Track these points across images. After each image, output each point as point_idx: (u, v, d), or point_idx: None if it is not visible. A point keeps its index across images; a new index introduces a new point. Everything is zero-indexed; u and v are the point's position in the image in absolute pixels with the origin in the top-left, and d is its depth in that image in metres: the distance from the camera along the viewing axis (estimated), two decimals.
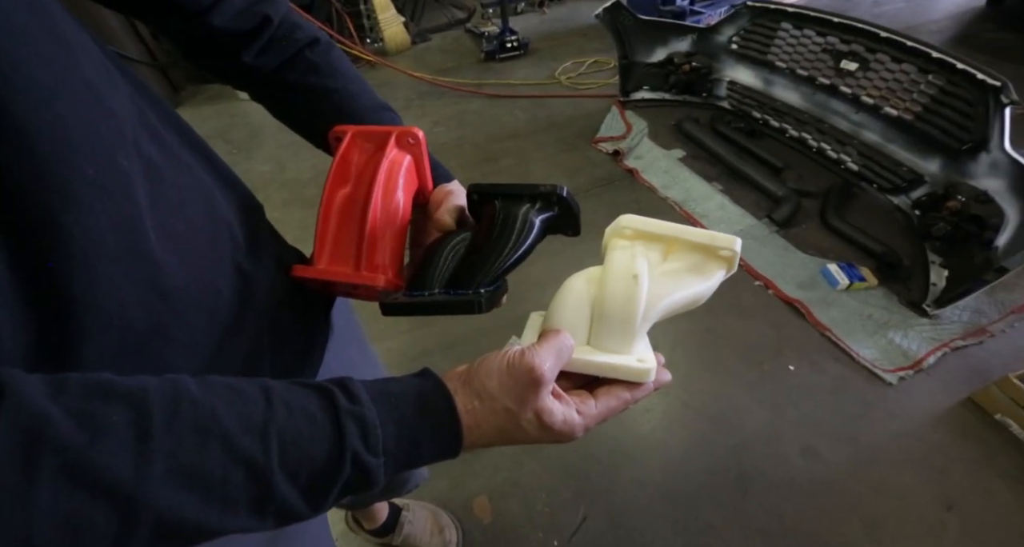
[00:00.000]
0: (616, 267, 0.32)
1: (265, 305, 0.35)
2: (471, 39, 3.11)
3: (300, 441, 0.21)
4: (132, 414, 0.19)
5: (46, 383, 0.19)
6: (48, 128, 0.21)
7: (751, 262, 1.46)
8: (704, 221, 1.61)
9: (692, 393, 1.19)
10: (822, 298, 1.35)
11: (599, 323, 0.32)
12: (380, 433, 0.23)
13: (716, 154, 1.82)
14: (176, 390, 0.21)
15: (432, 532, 0.94)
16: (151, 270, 0.26)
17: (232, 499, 0.20)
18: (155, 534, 0.19)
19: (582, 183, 1.85)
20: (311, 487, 0.22)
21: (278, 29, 0.38)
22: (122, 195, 0.24)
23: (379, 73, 2.80)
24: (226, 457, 0.20)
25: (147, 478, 0.18)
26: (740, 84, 1.95)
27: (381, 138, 0.36)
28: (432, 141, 2.18)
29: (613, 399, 0.30)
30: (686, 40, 1.97)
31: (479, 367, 0.27)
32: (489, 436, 0.26)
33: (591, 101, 2.35)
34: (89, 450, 0.18)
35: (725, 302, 1.37)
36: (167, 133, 0.30)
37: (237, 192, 0.37)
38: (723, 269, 0.33)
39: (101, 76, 0.25)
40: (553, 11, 3.45)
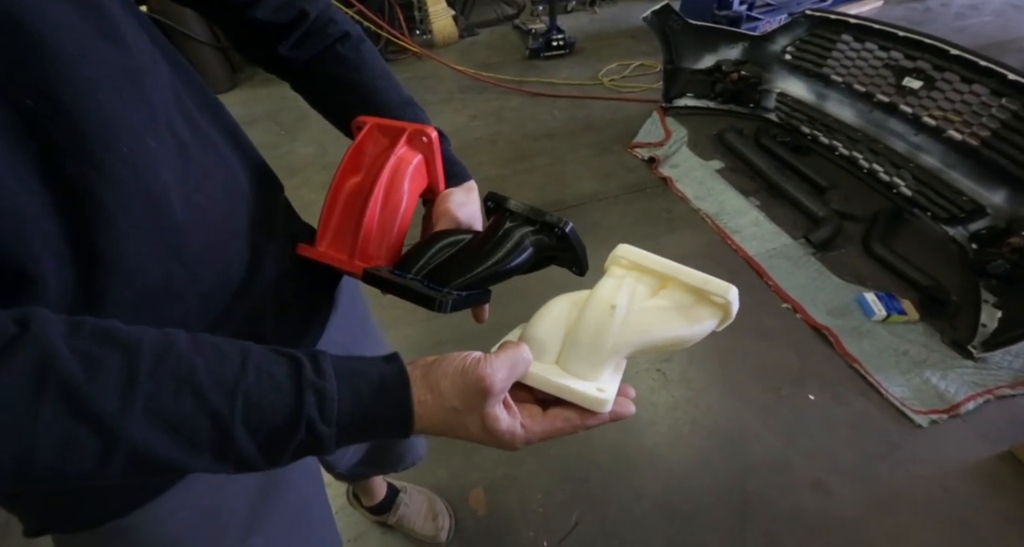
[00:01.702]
0: (598, 295, 0.33)
1: (272, 276, 0.37)
2: (518, 36, 3.11)
3: (263, 402, 0.24)
4: (125, 360, 0.22)
5: (66, 324, 0.22)
6: (91, 113, 0.25)
7: (780, 283, 1.41)
8: (735, 237, 1.56)
9: (702, 411, 1.16)
10: (854, 328, 1.28)
11: (569, 346, 0.32)
12: (336, 407, 0.25)
13: (757, 168, 1.75)
14: (167, 343, 0.24)
15: (426, 517, 0.97)
16: (172, 238, 0.29)
17: (198, 443, 0.23)
18: (130, 461, 0.22)
19: (613, 188, 1.82)
20: (268, 443, 0.24)
21: (314, 23, 0.41)
22: (151, 172, 0.28)
23: (424, 65, 2.86)
24: (197, 407, 0.23)
25: (128, 415, 0.21)
26: (791, 97, 1.87)
27: (396, 133, 0.37)
28: (468, 135, 2.22)
29: (560, 421, 0.30)
30: (737, 48, 1.90)
31: (439, 364, 0.28)
32: (436, 428, 0.28)
33: (632, 105, 2.31)
34: (85, 385, 0.21)
35: (748, 322, 1.33)
36: (201, 117, 0.34)
37: (259, 172, 0.40)
38: (715, 318, 0.32)
39: (146, 66, 0.28)
40: (604, 11, 3.40)
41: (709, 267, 1.61)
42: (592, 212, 1.73)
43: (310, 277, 0.41)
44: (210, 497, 0.40)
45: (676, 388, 1.21)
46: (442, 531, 0.96)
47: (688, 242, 1.58)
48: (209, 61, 2.65)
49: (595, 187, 1.84)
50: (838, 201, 1.61)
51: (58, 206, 0.24)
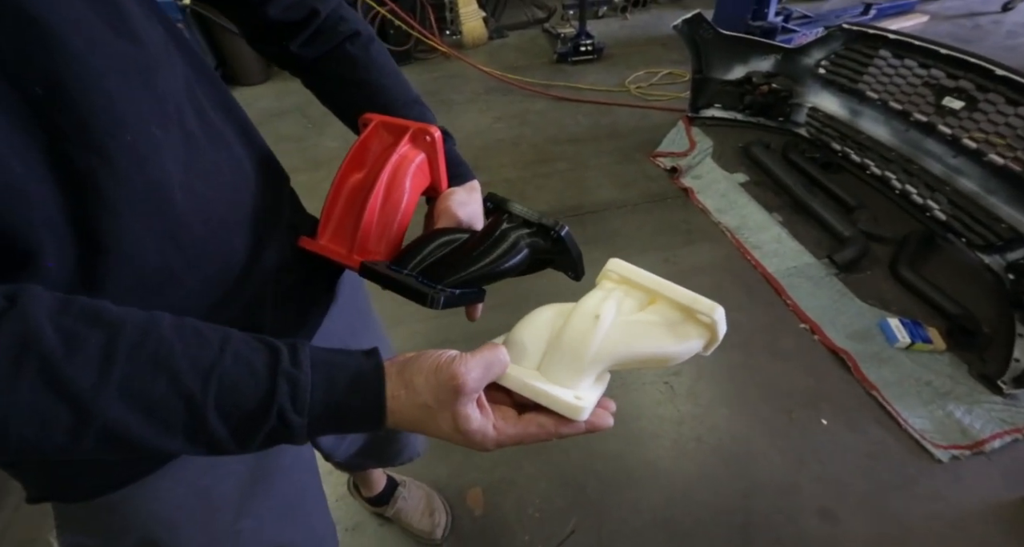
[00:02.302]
0: (583, 304, 0.33)
1: (272, 266, 0.38)
2: (547, 39, 3.12)
3: (237, 388, 0.24)
4: (105, 339, 0.23)
5: (56, 301, 0.23)
6: (97, 103, 0.25)
7: (799, 302, 1.37)
8: (756, 252, 1.53)
9: (708, 428, 1.14)
10: (875, 353, 1.24)
11: (551, 352, 0.32)
12: (308, 397, 0.26)
13: (782, 183, 1.71)
14: (149, 326, 0.24)
15: (423, 512, 0.98)
16: (173, 225, 0.30)
17: (170, 424, 0.24)
18: (103, 437, 0.23)
19: (633, 197, 1.81)
20: (240, 428, 0.25)
21: (324, 21, 0.42)
22: (154, 161, 0.29)
23: (452, 65, 2.89)
24: (170, 389, 0.23)
25: (102, 392, 0.22)
26: (822, 112, 1.82)
27: (400, 131, 0.38)
28: (491, 137, 2.23)
29: (534, 426, 0.30)
30: (769, 60, 1.86)
31: (415, 360, 0.28)
32: (408, 423, 0.28)
33: (657, 113, 2.28)
34: (63, 361, 0.21)
35: (762, 340, 1.30)
36: (212, 109, 0.35)
37: (266, 164, 0.41)
38: (702, 337, 0.32)
39: (157, 60, 0.29)
40: (635, 17, 3.38)
41: (726, 282, 1.58)
42: (610, 220, 1.72)
43: (311, 269, 0.42)
44: (202, 478, 0.41)
45: (683, 402, 1.19)
46: (438, 528, 0.96)
47: (706, 255, 1.55)
48: (244, 54, 2.74)
49: (615, 195, 1.83)
50: (866, 221, 1.56)
51: (62, 191, 0.25)
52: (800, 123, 1.92)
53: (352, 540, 0.99)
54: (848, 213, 1.60)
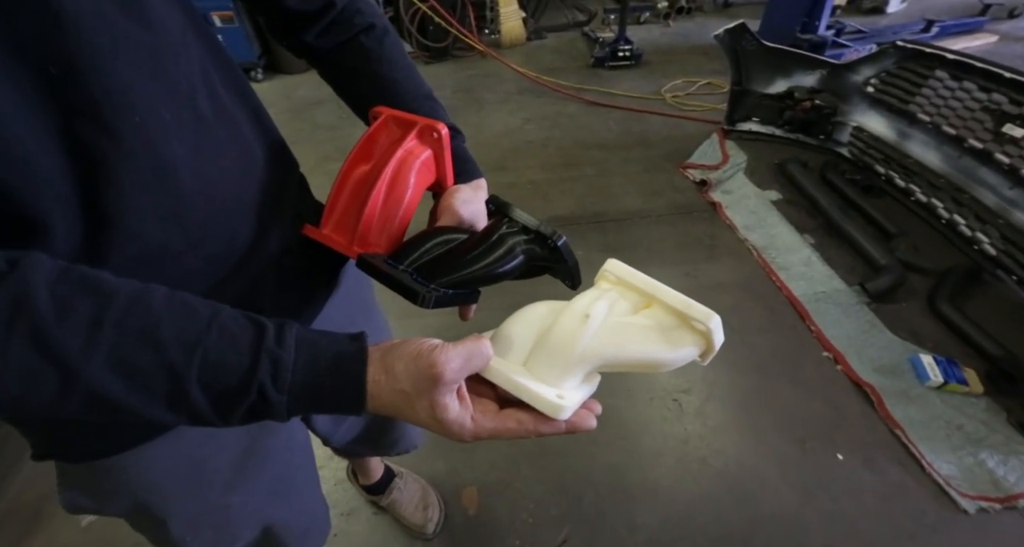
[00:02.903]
0: (575, 303, 0.32)
1: (275, 251, 0.39)
2: (585, 43, 3.10)
3: (220, 362, 0.25)
4: (96, 307, 0.24)
5: (56, 268, 0.24)
6: (107, 84, 0.27)
7: (825, 330, 1.31)
8: (782, 274, 1.47)
9: (715, 450, 1.10)
10: (902, 390, 1.17)
11: (538, 349, 0.31)
12: (289, 376, 0.26)
13: (818, 204, 1.64)
14: (141, 297, 0.25)
15: (417, 506, 0.98)
16: (176, 204, 0.31)
17: (153, 392, 0.24)
18: (86, 400, 0.24)
19: (658, 207, 1.77)
20: (220, 401, 0.26)
21: (340, 13, 0.42)
22: (162, 142, 0.30)
23: (488, 63, 2.91)
24: (154, 359, 0.24)
25: (88, 358, 0.23)
26: (868, 132, 1.73)
27: (408, 126, 0.38)
28: (520, 137, 2.23)
29: (513, 421, 0.30)
30: (814, 75, 1.79)
31: (399, 346, 0.28)
32: (388, 408, 0.28)
33: (691, 124, 2.23)
34: (53, 326, 0.22)
35: (781, 365, 1.25)
36: (227, 94, 0.36)
37: (276, 151, 0.42)
38: (696, 345, 0.31)
39: (171, 44, 0.30)
40: (678, 25, 3.32)
41: (747, 302, 1.53)
42: (633, 229, 1.69)
43: (314, 256, 0.42)
44: (196, 451, 0.42)
45: (691, 421, 1.16)
46: (430, 523, 0.97)
47: (728, 272, 1.51)
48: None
49: (640, 204, 1.80)
50: (905, 250, 1.47)
51: (72, 167, 0.27)
52: (842, 143, 1.83)
53: (346, 525, 1.01)
54: (886, 240, 1.52)
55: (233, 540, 0.51)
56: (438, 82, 2.77)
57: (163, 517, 0.43)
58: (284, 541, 0.57)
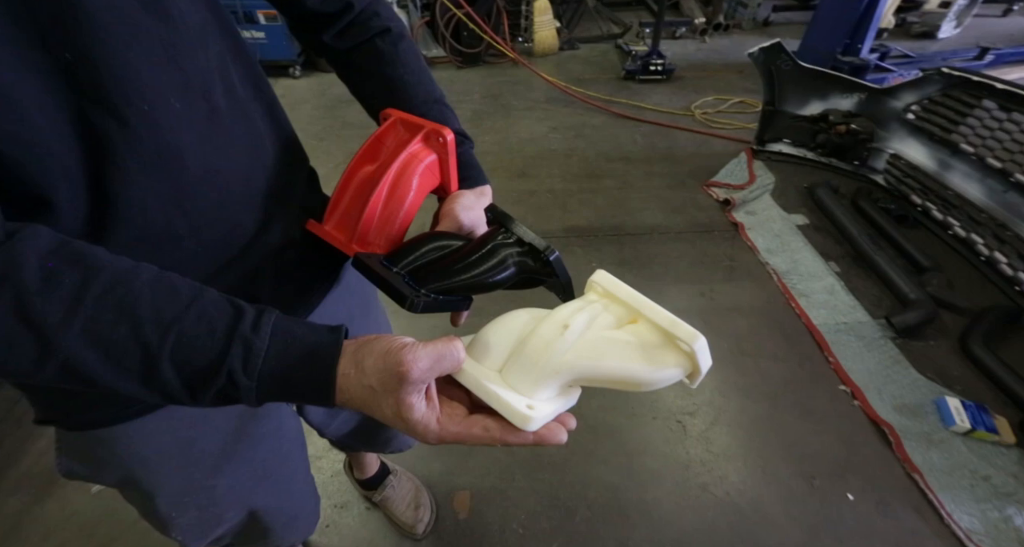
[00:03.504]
0: (556, 313, 0.31)
1: (277, 242, 0.40)
2: (618, 55, 3.10)
3: (194, 344, 0.26)
4: (81, 281, 0.24)
5: (53, 241, 0.25)
6: (117, 70, 0.28)
7: (844, 362, 1.25)
8: (802, 301, 1.42)
9: (717, 477, 1.07)
10: (924, 433, 1.11)
11: (514, 356, 0.31)
12: (259, 362, 0.27)
13: (846, 231, 1.58)
14: (127, 275, 0.26)
15: (409, 505, 0.99)
16: (180, 190, 0.32)
17: (126, 367, 0.25)
18: (61, 370, 0.24)
19: (678, 223, 1.75)
20: (191, 382, 0.26)
21: (358, 15, 0.43)
22: (170, 130, 0.31)
23: (519, 71, 2.94)
24: (130, 336, 0.25)
25: (66, 329, 0.24)
26: (906, 160, 1.67)
27: (415, 130, 0.38)
28: (544, 145, 2.24)
29: (479, 428, 0.29)
30: (851, 98, 1.74)
31: (372, 342, 0.28)
32: (357, 403, 0.28)
33: (719, 142, 2.19)
34: (35, 295, 0.23)
35: (794, 396, 1.20)
36: (243, 88, 0.37)
37: (287, 145, 0.43)
38: (680, 367, 0.29)
39: (189, 37, 0.31)
40: (714, 41, 3.28)
41: (763, 327, 1.48)
42: (649, 244, 1.67)
43: (315, 251, 0.43)
44: (187, 431, 0.43)
45: (694, 446, 1.12)
46: (420, 523, 0.97)
47: (746, 295, 1.46)
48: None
49: (659, 219, 1.77)
50: (938, 286, 1.40)
51: (80, 148, 0.28)
52: (878, 170, 1.77)
53: (338, 516, 1.02)
54: (918, 274, 1.45)
55: (218, 521, 0.52)
56: (468, 87, 2.81)
57: (151, 491, 0.45)
58: (269, 526, 0.58)
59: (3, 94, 0.25)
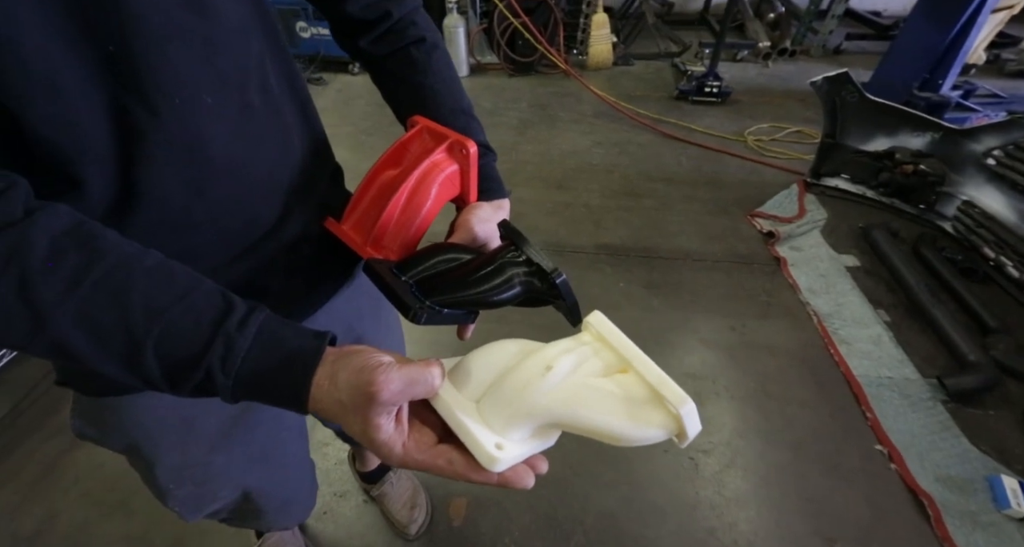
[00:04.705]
0: (543, 352, 0.30)
1: (293, 237, 0.41)
2: (672, 74, 3.04)
3: (178, 335, 0.26)
4: (83, 264, 0.25)
5: (69, 222, 0.26)
6: (153, 62, 0.29)
7: (883, 420, 1.15)
8: (842, 348, 1.32)
9: (726, 524, 1.00)
10: (970, 512, 1.00)
11: (493, 391, 0.30)
12: (238, 361, 0.27)
13: (902, 279, 1.46)
14: (129, 261, 0.27)
15: (405, 504, 0.99)
16: (203, 180, 0.34)
17: (110, 351, 0.26)
18: (52, 346, 0.26)
19: (714, 252, 1.68)
20: (171, 373, 0.27)
21: (396, 24, 0.45)
22: (199, 122, 0.32)
23: (570, 83, 2.95)
24: (119, 321, 0.26)
25: (60, 309, 0.25)
26: (980, 209, 1.53)
27: (440, 139, 0.38)
28: (586, 159, 2.23)
29: (443, 460, 0.28)
30: (923, 137, 1.62)
31: (351, 355, 0.28)
32: (327, 414, 0.28)
33: (771, 171, 2.10)
34: (37, 274, 0.24)
35: (822, 448, 1.12)
36: (279, 86, 0.38)
37: (315, 143, 0.44)
38: (664, 428, 0.28)
39: (228, 35, 0.33)
40: (777, 66, 3.15)
41: (795, 371, 1.40)
42: (680, 270, 1.61)
43: (331, 248, 0.44)
44: (188, 408, 0.44)
45: (705, 486, 1.07)
46: (414, 524, 0.97)
47: (779, 334, 1.38)
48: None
49: (695, 245, 1.71)
50: (1004, 350, 1.27)
51: (113, 134, 0.29)
52: (946, 216, 1.63)
53: (336, 504, 1.04)
54: (982, 335, 1.32)
55: (213, 498, 0.54)
56: (517, 95, 2.85)
57: (151, 462, 0.47)
58: (263, 508, 0.60)
59: (50, 80, 0.26)
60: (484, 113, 2.64)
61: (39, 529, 0.99)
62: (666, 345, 1.34)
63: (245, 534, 0.94)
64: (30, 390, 1.23)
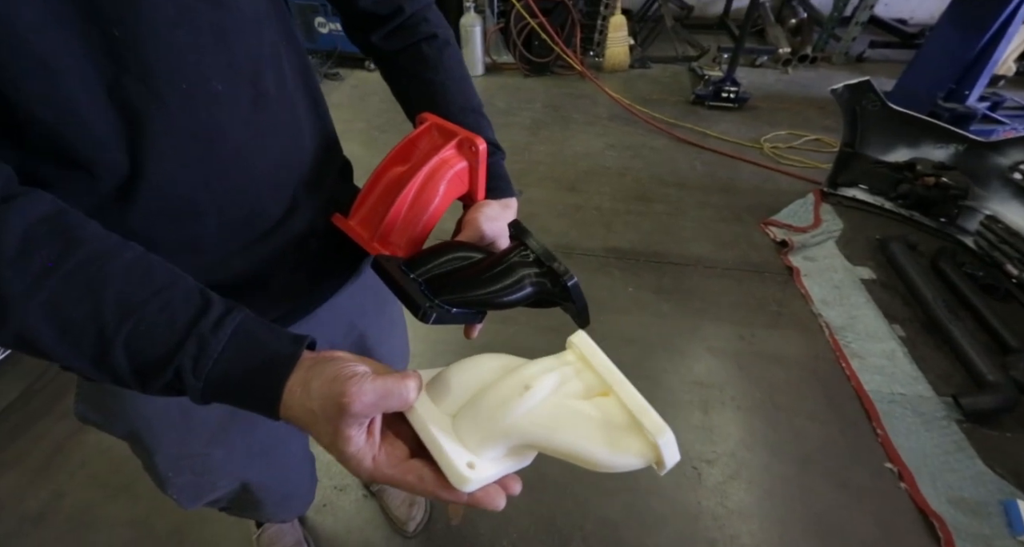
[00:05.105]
0: (522, 370, 0.29)
1: (299, 230, 0.41)
2: (689, 78, 3.01)
3: (150, 333, 0.25)
4: (57, 254, 0.24)
5: (48, 211, 0.25)
6: (161, 49, 0.28)
7: (895, 438, 1.13)
8: (854, 361, 1.29)
9: (727, 535, 0.99)
10: (983, 536, 0.97)
11: (469, 407, 0.29)
12: (209, 364, 0.26)
13: (919, 293, 1.43)
14: (106, 255, 0.26)
15: (404, 501, 0.99)
16: (209, 170, 0.33)
17: (79, 346, 0.25)
18: (18, 339, 0.25)
19: (725, 259, 1.66)
20: (141, 371, 0.26)
21: (408, 19, 0.44)
22: (207, 111, 0.31)
23: (585, 85, 2.94)
24: (89, 316, 0.25)
25: (28, 301, 0.24)
26: (1004, 224, 1.48)
27: (449, 136, 0.38)
28: (598, 162, 2.21)
29: (412, 476, 0.28)
30: (947, 149, 1.58)
31: (327, 363, 0.27)
32: (298, 422, 0.27)
33: (786, 179, 2.06)
34: (7, 262, 0.23)
35: (829, 464, 1.09)
36: (292, 79, 0.38)
37: (325, 138, 0.44)
38: (641, 457, 0.27)
39: (242, 24, 0.32)
40: (797, 73, 3.11)
41: (804, 383, 1.38)
42: (690, 276, 1.59)
43: (337, 243, 0.43)
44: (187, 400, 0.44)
45: (708, 496, 1.05)
46: (412, 521, 0.97)
47: (789, 345, 1.36)
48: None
49: (706, 251, 1.69)
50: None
51: (115, 119, 0.29)
52: (968, 231, 1.59)
53: (335, 498, 1.05)
54: (1002, 354, 1.28)
55: (211, 488, 0.54)
56: (531, 95, 2.84)
57: (151, 450, 0.47)
58: (261, 500, 0.60)
59: (42, 60, 0.25)
60: (498, 113, 2.64)
61: (45, 510, 1.01)
62: (674, 351, 1.33)
63: (245, 523, 0.95)
64: (41, 374, 1.26)
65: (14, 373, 1.25)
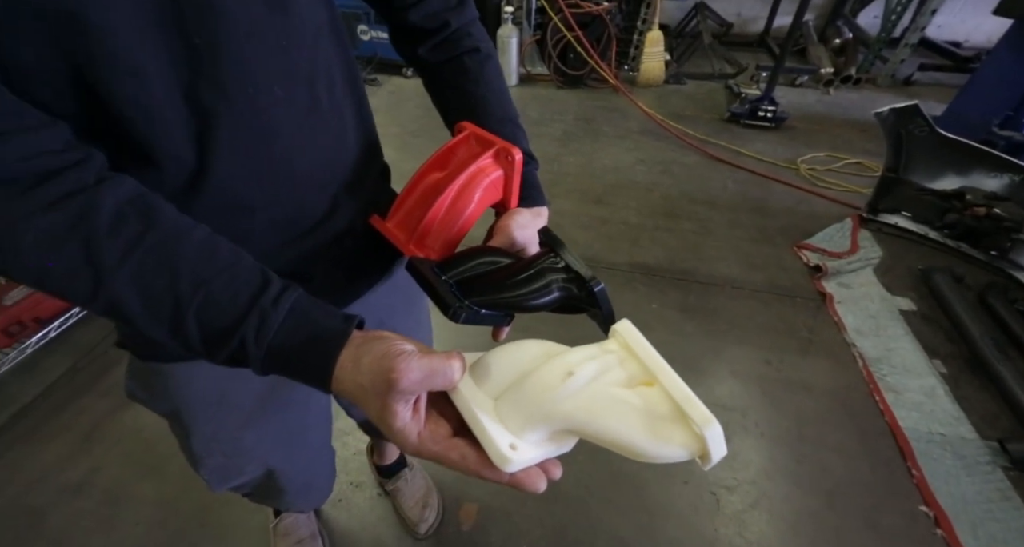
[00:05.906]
0: (565, 356, 0.30)
1: (338, 229, 0.43)
2: (725, 95, 2.97)
3: (218, 305, 0.28)
4: (140, 231, 0.28)
5: (133, 192, 0.28)
6: (235, 55, 0.31)
7: (932, 481, 1.06)
8: (889, 396, 1.23)
9: None
10: None
11: (512, 391, 0.30)
12: (270, 335, 0.28)
13: (964, 329, 1.35)
14: (180, 233, 0.29)
15: (417, 502, 1.00)
16: (263, 169, 0.36)
17: (158, 315, 0.28)
18: (109, 306, 0.28)
19: (755, 281, 1.61)
20: (209, 339, 0.29)
21: (453, 33, 0.46)
22: (268, 113, 0.34)
23: (618, 99, 2.94)
24: (166, 286, 0.28)
25: (118, 272, 0.27)
26: None
27: (486, 145, 0.39)
28: (627, 176, 2.21)
29: (456, 454, 0.28)
30: (1000, 178, 1.50)
31: (377, 341, 0.29)
32: (349, 395, 0.29)
33: (823, 203, 2.00)
34: (102, 237, 0.27)
35: (859, 501, 1.04)
36: (343, 87, 0.41)
37: (368, 143, 0.46)
38: (686, 448, 0.26)
39: (303, 33, 0.35)
40: (840, 94, 3.02)
41: (834, 415, 1.33)
42: (716, 296, 1.56)
43: (373, 244, 0.45)
44: (224, 382, 0.47)
45: (725, 524, 1.02)
46: (424, 523, 0.98)
47: (819, 374, 1.31)
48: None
49: (734, 273, 1.65)
50: None
51: (188, 118, 0.31)
52: (1021, 265, 1.50)
53: (350, 494, 1.06)
54: None
55: (239, 471, 0.56)
56: (564, 107, 2.86)
57: (188, 429, 0.50)
58: (284, 488, 0.62)
59: (135, 65, 0.28)
60: (530, 123, 2.67)
61: (83, 482, 1.07)
62: (697, 372, 1.30)
63: (264, 511, 0.98)
64: (88, 352, 1.34)
65: (62, 351, 1.34)
